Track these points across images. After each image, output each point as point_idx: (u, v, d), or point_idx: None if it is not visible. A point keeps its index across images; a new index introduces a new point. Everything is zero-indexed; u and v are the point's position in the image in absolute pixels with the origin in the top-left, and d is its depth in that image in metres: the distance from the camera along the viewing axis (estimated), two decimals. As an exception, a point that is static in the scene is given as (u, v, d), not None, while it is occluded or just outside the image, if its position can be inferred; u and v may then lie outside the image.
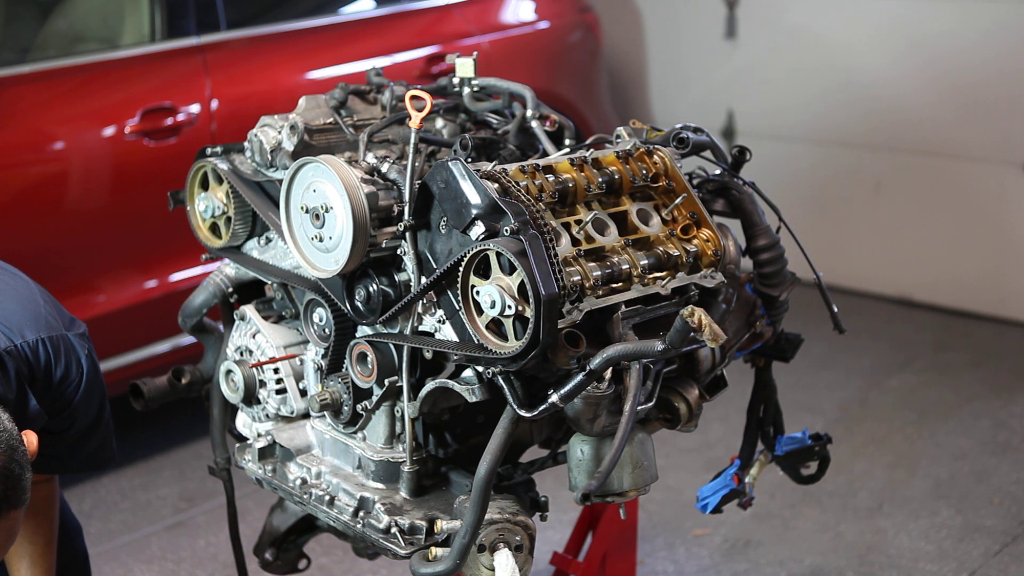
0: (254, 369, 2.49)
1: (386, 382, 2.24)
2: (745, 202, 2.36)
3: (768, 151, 5.34)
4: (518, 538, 2.17)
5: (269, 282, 2.52)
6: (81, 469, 2.37)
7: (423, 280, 2.14)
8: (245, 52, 4.06)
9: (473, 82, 2.57)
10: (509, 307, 1.96)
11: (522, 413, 2.02)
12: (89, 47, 3.90)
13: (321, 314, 2.38)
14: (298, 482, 2.39)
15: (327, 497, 2.33)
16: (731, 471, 2.53)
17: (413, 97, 2.22)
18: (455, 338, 2.11)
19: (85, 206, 3.71)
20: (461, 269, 2.02)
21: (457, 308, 2.06)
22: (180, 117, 3.80)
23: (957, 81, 5.17)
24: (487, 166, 2.09)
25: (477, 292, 2.00)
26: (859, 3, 5.38)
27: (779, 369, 2.59)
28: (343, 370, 2.34)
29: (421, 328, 2.19)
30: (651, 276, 2.10)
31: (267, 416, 2.54)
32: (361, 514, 2.27)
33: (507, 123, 2.51)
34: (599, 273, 2.04)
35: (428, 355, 2.20)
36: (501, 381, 2.03)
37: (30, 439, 1.95)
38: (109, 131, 3.71)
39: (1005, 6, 5.00)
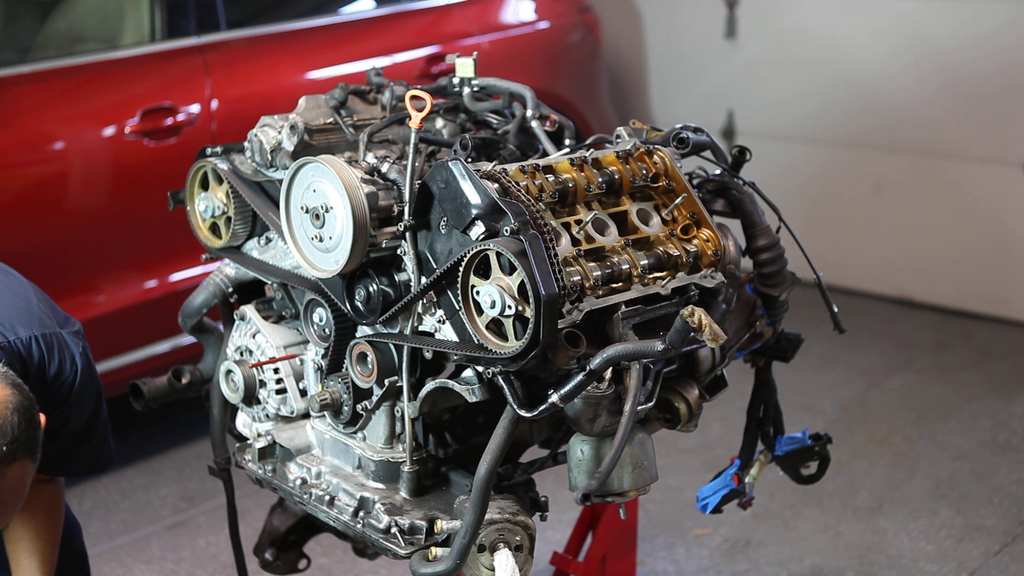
0: (254, 369, 2.49)
1: (386, 382, 2.24)
2: (745, 202, 2.36)
3: (768, 151, 5.34)
4: (518, 538, 2.16)
5: (269, 282, 2.52)
6: (81, 471, 2.37)
7: (423, 280, 2.13)
8: (245, 52, 4.05)
9: (473, 82, 2.57)
10: (509, 307, 1.96)
11: (522, 413, 2.02)
12: (89, 47, 3.90)
13: (321, 314, 2.38)
14: (298, 482, 2.39)
15: (327, 497, 2.33)
16: (731, 471, 2.53)
17: (413, 97, 2.22)
18: (455, 338, 2.11)
19: (85, 206, 3.71)
20: (461, 269, 2.02)
21: (457, 308, 2.05)
22: (180, 117, 3.79)
23: (957, 81, 5.17)
24: (487, 166, 2.08)
25: (477, 292, 2.00)
26: (859, 3, 5.38)
27: (779, 369, 2.59)
28: (343, 370, 2.34)
29: (421, 328, 2.19)
30: (651, 276, 2.10)
31: (267, 416, 2.53)
32: (361, 514, 2.27)
33: (507, 123, 2.50)
34: (599, 273, 2.04)
35: (428, 355, 2.20)
36: (501, 381, 2.03)
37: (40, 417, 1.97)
38: (109, 131, 3.71)
39: (1005, 6, 5.00)
